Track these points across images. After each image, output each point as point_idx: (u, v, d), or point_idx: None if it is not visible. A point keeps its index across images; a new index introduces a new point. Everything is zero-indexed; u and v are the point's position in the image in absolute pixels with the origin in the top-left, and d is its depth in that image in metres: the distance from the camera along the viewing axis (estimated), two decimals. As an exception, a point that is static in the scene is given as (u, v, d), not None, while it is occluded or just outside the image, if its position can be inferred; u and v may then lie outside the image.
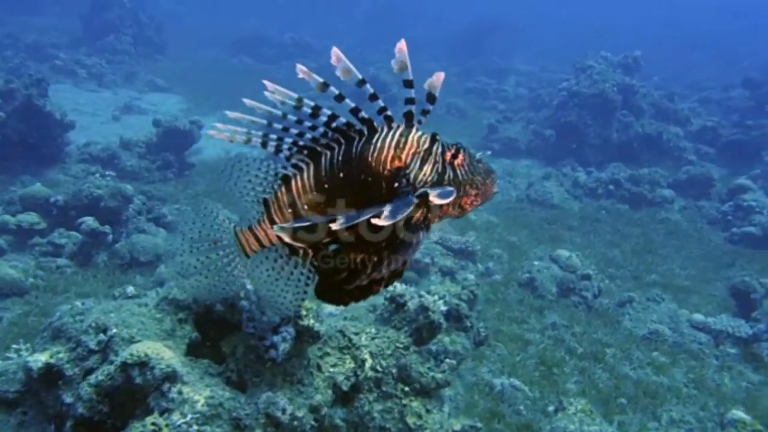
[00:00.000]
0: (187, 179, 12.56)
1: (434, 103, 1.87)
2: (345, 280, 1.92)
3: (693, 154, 16.44)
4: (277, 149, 2.07)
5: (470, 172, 1.95)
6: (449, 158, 1.93)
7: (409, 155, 1.91)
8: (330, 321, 3.83)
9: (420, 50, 33.40)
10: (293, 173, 2.07)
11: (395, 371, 3.67)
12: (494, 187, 1.98)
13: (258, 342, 3.28)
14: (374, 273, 1.87)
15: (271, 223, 2.10)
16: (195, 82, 22.19)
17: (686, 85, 27.77)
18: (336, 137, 2.00)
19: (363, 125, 1.97)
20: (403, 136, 1.93)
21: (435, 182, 1.90)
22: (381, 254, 1.86)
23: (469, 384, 6.80)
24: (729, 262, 11.26)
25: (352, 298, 1.99)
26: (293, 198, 2.04)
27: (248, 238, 2.15)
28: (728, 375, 7.51)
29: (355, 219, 1.72)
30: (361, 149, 1.94)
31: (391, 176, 1.90)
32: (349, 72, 1.88)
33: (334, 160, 1.98)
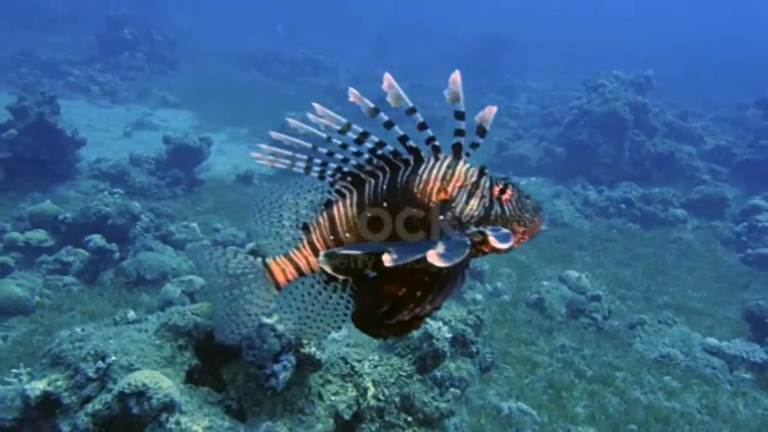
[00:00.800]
0: (196, 196, 12.59)
1: (484, 137, 1.82)
2: (386, 314, 1.83)
3: (706, 173, 16.28)
4: (321, 174, 2.01)
5: (518, 209, 1.89)
6: (497, 193, 1.87)
7: (455, 188, 1.87)
8: (332, 347, 3.76)
9: (430, 67, 33.52)
10: (336, 199, 2.02)
11: (398, 400, 3.59)
12: (542, 225, 1.91)
13: (258, 370, 3.22)
14: (417, 308, 1.78)
15: (311, 249, 2.04)
16: (206, 98, 22.36)
17: (699, 103, 27.63)
18: (381, 165, 1.95)
19: (410, 154, 1.93)
20: (450, 168, 1.88)
21: (482, 218, 1.85)
22: (425, 289, 1.78)
23: (476, 407, 6.70)
24: (743, 283, 11.08)
25: (392, 332, 1.91)
26: (335, 224, 2.00)
27: (286, 266, 2.06)
28: (743, 401, 7.34)
29: (408, 256, 1.63)
30: (406, 179, 1.89)
31: (437, 209, 1.86)
32: (400, 99, 1.82)
33: (378, 189, 1.94)
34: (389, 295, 1.81)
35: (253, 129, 18.94)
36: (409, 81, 29.02)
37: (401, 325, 1.87)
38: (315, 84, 27.73)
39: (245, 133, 18.86)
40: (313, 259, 2.02)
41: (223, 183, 14.07)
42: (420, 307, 1.78)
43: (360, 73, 30.91)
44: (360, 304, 1.95)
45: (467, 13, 48.05)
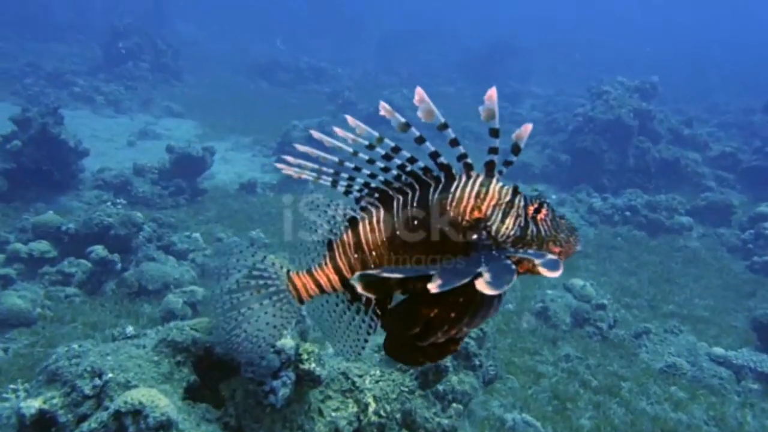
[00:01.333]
0: (198, 205, 12.59)
1: (518, 155, 1.78)
2: (419, 337, 1.73)
3: (712, 180, 16.20)
4: (348, 189, 1.96)
5: (553, 228, 1.84)
6: (532, 212, 1.83)
7: (489, 207, 1.82)
8: (333, 362, 3.72)
9: (434, 74, 33.59)
10: (361, 216, 1.97)
11: (399, 416, 3.55)
12: (578, 246, 1.87)
13: (257, 387, 3.18)
14: (452, 330, 1.70)
15: (334, 268, 1.99)
16: (210, 107, 22.42)
17: (705, 107, 27.54)
18: (410, 182, 1.91)
19: (441, 171, 1.89)
20: (483, 186, 1.84)
21: (517, 237, 1.80)
22: (460, 310, 1.69)
23: (480, 419, 6.64)
24: (750, 291, 10.98)
25: (428, 357, 1.83)
26: (361, 243, 1.94)
27: (306, 282, 2.02)
28: (751, 413, 7.24)
29: (454, 282, 1.53)
30: (438, 197, 1.85)
31: (470, 228, 1.81)
32: (432, 114, 1.78)
33: (407, 206, 1.89)
34: (421, 317, 1.72)
35: (256, 138, 18.96)
36: (413, 88, 28.98)
37: (436, 348, 1.80)
38: (318, 92, 27.76)
39: (249, 142, 18.88)
40: (334, 277, 1.97)
41: (227, 192, 14.07)
42: (456, 330, 1.70)
43: (364, 81, 30.95)
44: (389, 328, 1.86)
45: (473, 19, 48.15)
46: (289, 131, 16.60)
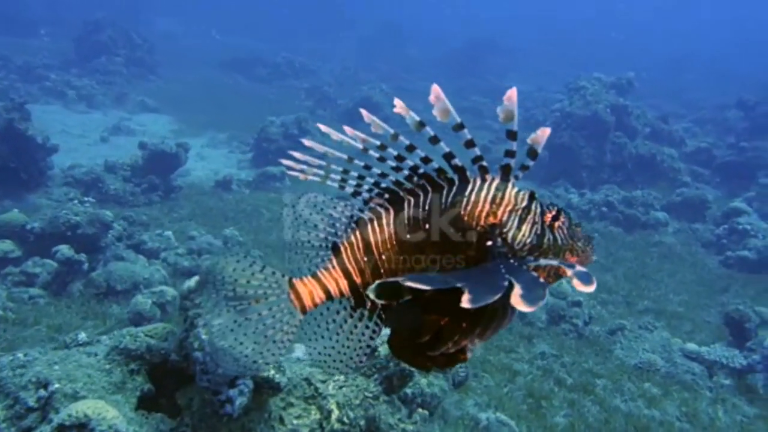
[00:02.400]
0: (172, 203, 12.38)
1: (535, 159, 1.71)
2: (428, 345, 1.67)
3: (688, 175, 16.32)
4: (356, 190, 1.86)
5: (570, 237, 1.78)
6: (549, 220, 1.76)
7: (505, 212, 1.75)
8: (296, 368, 3.62)
9: (415, 69, 33.50)
10: (370, 218, 1.87)
11: (363, 423, 3.46)
12: (593, 255, 1.81)
13: (213, 396, 3.06)
14: (463, 341, 1.63)
15: (343, 271, 1.87)
16: (186, 102, 22.11)
17: (682, 104, 27.80)
18: (422, 183, 1.82)
19: (455, 173, 1.80)
20: (499, 190, 1.77)
21: (534, 245, 1.74)
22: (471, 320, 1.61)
23: (454, 419, 6.58)
24: (723, 287, 11.07)
25: (437, 364, 1.75)
26: (370, 245, 1.85)
27: (313, 287, 1.89)
28: (722, 408, 7.27)
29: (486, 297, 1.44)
30: (452, 200, 1.78)
31: (485, 233, 1.74)
32: (447, 113, 1.69)
33: (419, 209, 1.81)
34: (430, 325, 1.65)
35: (233, 134, 18.74)
36: (393, 83, 28.94)
37: (445, 357, 1.72)
38: (297, 87, 27.54)
39: (225, 138, 18.65)
40: (343, 282, 1.87)
41: (202, 189, 13.86)
42: (467, 341, 1.64)
43: (344, 77, 30.77)
44: (397, 332, 1.77)
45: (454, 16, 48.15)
46: (265, 127, 16.40)
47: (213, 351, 1.94)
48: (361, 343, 1.91)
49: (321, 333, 1.94)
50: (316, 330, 1.94)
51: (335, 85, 27.69)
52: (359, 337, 1.91)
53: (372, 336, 1.91)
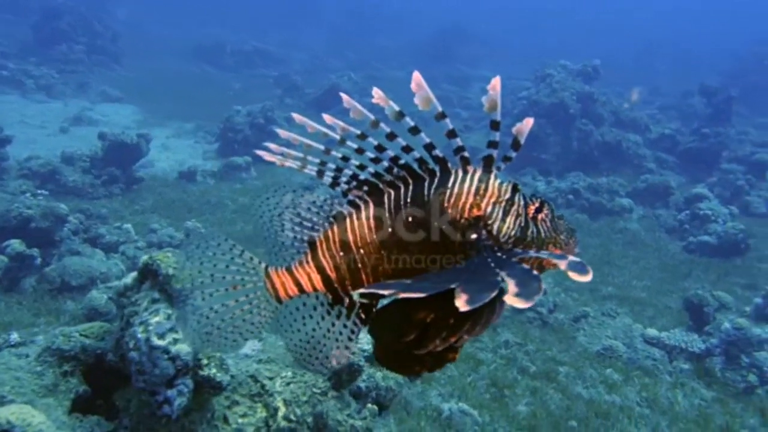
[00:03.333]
0: (134, 195, 12.13)
1: (518, 150, 1.68)
2: (414, 344, 1.57)
3: (652, 161, 16.51)
4: (334, 182, 1.79)
5: (553, 229, 1.75)
6: (533, 212, 1.74)
7: (489, 204, 1.71)
8: (242, 365, 3.52)
9: (386, 58, 33.34)
10: (349, 212, 1.81)
11: (311, 420, 3.38)
12: (576, 248, 1.79)
13: (150, 397, 2.96)
14: (452, 338, 1.53)
15: (316, 266, 1.81)
16: (151, 91, 21.67)
17: (649, 90, 28.11)
18: (402, 175, 1.76)
19: (436, 164, 1.75)
20: (482, 182, 1.73)
21: (518, 238, 1.70)
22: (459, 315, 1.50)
23: (417, 410, 6.56)
24: (685, 272, 11.23)
25: (425, 366, 1.67)
26: (347, 240, 1.78)
27: (285, 280, 1.84)
28: (681, 392, 7.37)
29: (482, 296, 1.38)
30: (435, 192, 1.72)
31: (469, 226, 1.70)
32: (429, 102, 1.65)
33: (400, 201, 1.75)
34: (416, 322, 1.56)
35: (199, 124, 18.44)
36: (363, 72, 28.75)
37: (433, 357, 1.65)
38: (265, 76, 27.19)
39: (191, 128, 18.34)
40: (316, 276, 1.82)
41: (165, 180, 13.61)
42: (456, 337, 1.54)
43: (313, 65, 30.47)
44: (379, 334, 1.69)
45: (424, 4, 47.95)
46: (231, 117, 16.15)
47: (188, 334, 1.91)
48: (338, 343, 1.85)
49: (298, 326, 1.89)
50: (292, 323, 1.90)
51: (304, 74, 27.40)
52: (336, 336, 1.85)
53: (350, 337, 1.84)
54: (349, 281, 1.79)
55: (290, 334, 1.90)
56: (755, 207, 13.83)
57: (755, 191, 14.33)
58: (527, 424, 6.56)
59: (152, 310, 3.04)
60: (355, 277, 1.78)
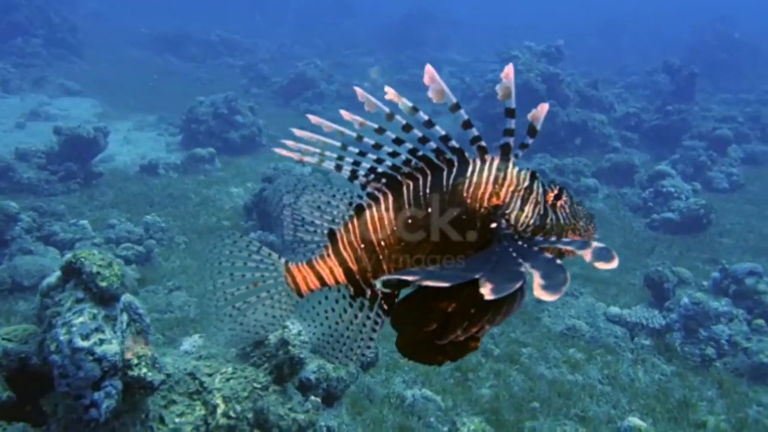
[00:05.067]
0: (93, 190, 11.86)
1: (535, 137, 1.69)
2: (436, 334, 1.58)
3: (618, 140, 16.62)
4: (353, 175, 1.80)
5: (572, 216, 1.74)
6: (551, 199, 1.73)
7: (508, 193, 1.72)
8: (180, 362, 3.43)
9: (354, 44, 33.04)
10: (368, 203, 1.82)
11: (251, 416, 3.31)
12: (595, 233, 1.77)
13: (74, 401, 2.86)
14: (473, 328, 1.54)
15: (338, 259, 1.82)
16: (113, 84, 21.21)
17: (615, 70, 28.30)
18: (420, 166, 1.76)
19: (453, 155, 1.75)
20: (500, 170, 1.74)
21: (537, 226, 1.71)
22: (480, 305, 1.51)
23: (380, 397, 6.54)
24: (649, 249, 11.35)
25: (447, 356, 1.67)
26: (368, 232, 1.79)
27: (307, 274, 1.85)
28: (642, 368, 7.46)
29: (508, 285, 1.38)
30: (453, 182, 1.73)
31: (488, 215, 1.71)
32: (443, 94, 1.64)
33: (419, 192, 1.75)
34: (437, 312, 1.57)
35: (162, 116, 18.08)
36: (331, 59, 28.47)
37: (454, 346, 1.64)
38: (232, 65, 26.77)
39: (154, 120, 17.99)
40: (338, 269, 1.83)
41: (126, 174, 13.33)
42: (476, 327, 1.55)
43: (280, 53, 30.08)
44: (401, 325, 1.68)
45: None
46: (194, 108, 15.84)
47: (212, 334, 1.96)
48: (362, 334, 1.87)
49: (320, 320, 1.91)
50: (315, 317, 1.92)
51: (271, 62, 27.03)
52: (360, 327, 1.87)
53: (374, 328, 1.86)
54: (370, 273, 1.80)
55: (313, 328, 1.92)
56: (717, 182, 14.03)
57: (717, 167, 14.52)
58: (490, 407, 6.58)
59: (76, 310, 2.93)
60: (376, 268, 1.79)
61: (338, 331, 1.89)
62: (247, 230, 10.24)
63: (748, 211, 13.12)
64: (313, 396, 4.27)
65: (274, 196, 1.95)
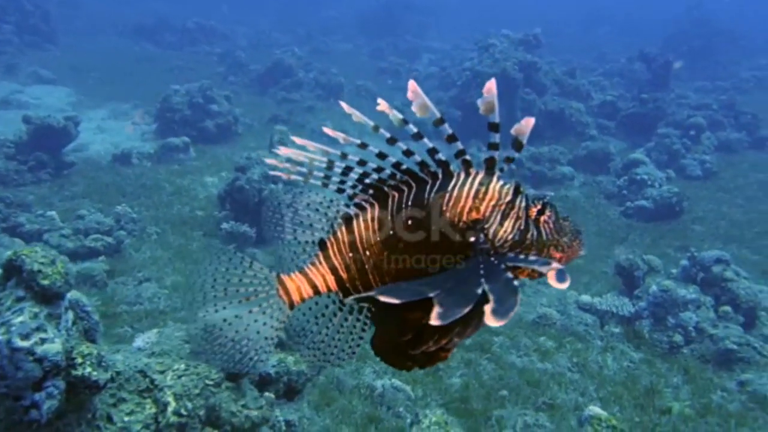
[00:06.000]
0: (64, 180, 11.67)
1: (521, 151, 1.69)
2: (410, 344, 1.67)
3: (594, 129, 16.67)
4: (339, 188, 1.86)
5: (556, 232, 1.75)
6: (534, 214, 1.74)
7: (488, 207, 1.73)
8: (131, 359, 3.38)
9: (333, 30, 32.76)
10: (355, 213, 1.87)
11: (203, 413, 3.28)
12: (581, 250, 1.79)
13: (14, 403, 2.80)
14: (443, 340, 1.62)
15: (330, 267, 1.87)
16: (88, 72, 20.86)
17: (594, 57, 28.37)
18: (405, 179, 1.81)
19: (438, 168, 1.79)
20: (483, 184, 1.75)
21: (516, 241, 1.72)
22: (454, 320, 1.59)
23: (350, 388, 6.54)
24: (623, 237, 11.43)
25: (418, 363, 1.76)
26: (354, 241, 1.84)
27: (301, 283, 1.89)
28: (611, 356, 7.53)
29: (456, 310, 1.45)
30: (435, 195, 1.76)
31: (467, 229, 1.72)
32: (427, 109, 1.68)
33: (402, 204, 1.79)
34: (413, 323, 1.65)
35: (137, 104, 17.81)
36: (310, 46, 28.22)
37: (426, 356, 1.73)
38: (209, 53, 26.43)
39: (128, 109, 17.72)
40: (330, 277, 1.88)
41: (98, 164, 13.13)
42: (446, 340, 1.63)
43: (258, 40, 29.75)
44: (381, 330, 1.81)
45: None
46: (169, 96, 15.62)
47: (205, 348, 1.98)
48: (352, 335, 1.93)
49: (310, 328, 1.95)
50: (305, 325, 1.96)
51: (249, 49, 26.72)
52: (350, 330, 1.93)
53: (363, 329, 1.92)
54: (358, 281, 1.84)
55: (302, 338, 1.95)
56: (691, 170, 14.15)
57: (691, 154, 14.64)
58: (459, 396, 6.61)
59: (16, 309, 2.87)
60: (363, 276, 1.83)
61: (329, 336, 1.93)
62: (220, 220, 10.16)
63: (720, 198, 13.26)
64: (274, 391, 4.25)
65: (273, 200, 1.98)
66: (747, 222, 12.07)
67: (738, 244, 10.97)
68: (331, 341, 1.93)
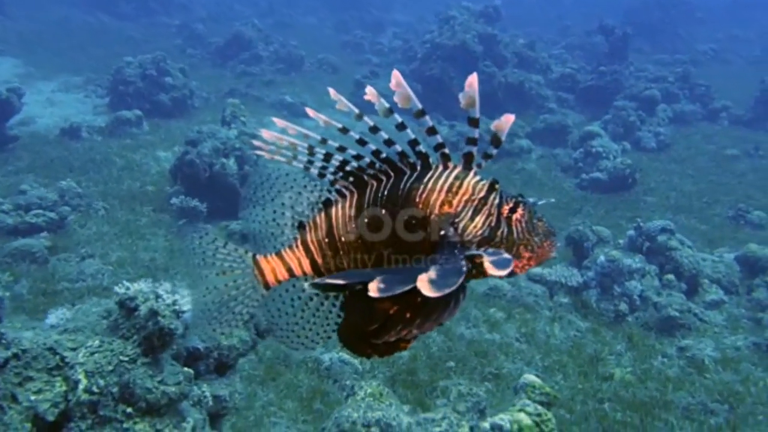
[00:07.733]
0: (8, 154, 11.28)
1: (499, 147, 1.71)
2: (374, 333, 1.69)
3: (554, 102, 16.72)
4: (321, 172, 1.86)
5: (527, 231, 1.74)
6: (506, 212, 1.73)
7: (461, 202, 1.73)
8: (40, 336, 3.26)
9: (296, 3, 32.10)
10: (335, 199, 1.89)
11: (116, 390, 3.18)
12: (552, 252, 1.78)
13: None
14: (404, 331, 1.64)
15: (304, 250, 1.90)
16: (38, 43, 20.10)
17: (557, 30, 28.40)
18: (385, 168, 1.82)
19: (417, 159, 1.80)
20: (458, 179, 1.75)
21: (486, 237, 1.71)
22: (416, 311, 1.62)
23: (297, 362, 6.51)
24: (577, 208, 11.54)
25: (377, 352, 1.78)
26: (332, 226, 1.87)
27: (276, 265, 1.91)
28: (559, 325, 7.62)
29: (396, 286, 1.50)
30: (409, 186, 1.77)
31: (439, 222, 1.73)
32: (409, 100, 1.68)
33: (379, 194, 1.81)
34: (381, 312, 1.66)
35: (89, 77, 17.25)
36: (273, 18, 27.64)
37: (386, 345, 1.75)
38: (167, 24, 25.69)
39: (80, 82, 17.16)
40: (305, 261, 1.90)
41: (46, 138, 12.71)
42: (406, 331, 1.63)
43: (218, 11, 29.03)
44: (349, 317, 1.82)
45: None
46: (121, 68, 15.14)
47: None
48: (327, 320, 1.95)
49: (285, 309, 1.98)
50: (280, 306, 1.98)
51: (209, 21, 26.06)
52: (326, 314, 1.95)
53: (339, 314, 1.94)
54: (332, 266, 1.86)
55: (277, 319, 1.98)
56: (645, 142, 14.32)
57: (646, 127, 14.80)
58: (406, 368, 6.62)
59: None
60: (338, 262, 1.85)
61: (304, 319, 1.96)
62: (170, 195, 9.94)
63: (672, 169, 13.47)
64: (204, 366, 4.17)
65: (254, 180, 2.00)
66: (696, 192, 12.30)
67: (687, 214, 11.18)
68: (306, 324, 1.96)
